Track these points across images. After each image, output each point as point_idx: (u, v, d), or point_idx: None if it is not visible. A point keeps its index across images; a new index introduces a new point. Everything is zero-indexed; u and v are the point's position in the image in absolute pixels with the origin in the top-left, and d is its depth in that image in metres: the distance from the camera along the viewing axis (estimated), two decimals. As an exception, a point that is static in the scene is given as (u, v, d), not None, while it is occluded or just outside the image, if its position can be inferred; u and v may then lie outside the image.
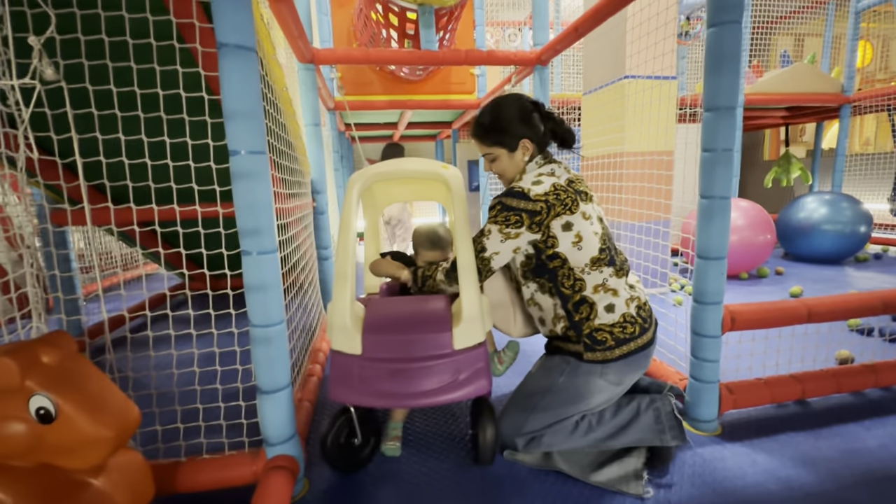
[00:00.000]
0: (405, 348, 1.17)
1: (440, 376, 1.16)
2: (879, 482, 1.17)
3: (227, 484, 1.14)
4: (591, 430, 1.21)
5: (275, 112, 1.52)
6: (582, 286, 1.20)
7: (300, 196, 1.98)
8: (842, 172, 4.85)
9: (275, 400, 1.13)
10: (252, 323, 1.09)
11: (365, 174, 1.30)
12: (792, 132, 6.63)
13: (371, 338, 1.18)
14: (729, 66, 1.22)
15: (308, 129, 2.28)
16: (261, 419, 1.14)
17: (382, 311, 1.28)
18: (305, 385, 1.60)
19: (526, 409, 1.23)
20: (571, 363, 1.22)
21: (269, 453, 1.15)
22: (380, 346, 1.18)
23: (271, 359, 1.11)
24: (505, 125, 1.26)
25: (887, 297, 1.57)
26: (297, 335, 1.57)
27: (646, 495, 1.12)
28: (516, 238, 1.20)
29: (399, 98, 3.56)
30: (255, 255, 1.05)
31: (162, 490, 1.09)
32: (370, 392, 1.16)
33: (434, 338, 1.18)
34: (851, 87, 4.67)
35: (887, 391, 1.64)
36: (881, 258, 4.19)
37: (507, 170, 1.31)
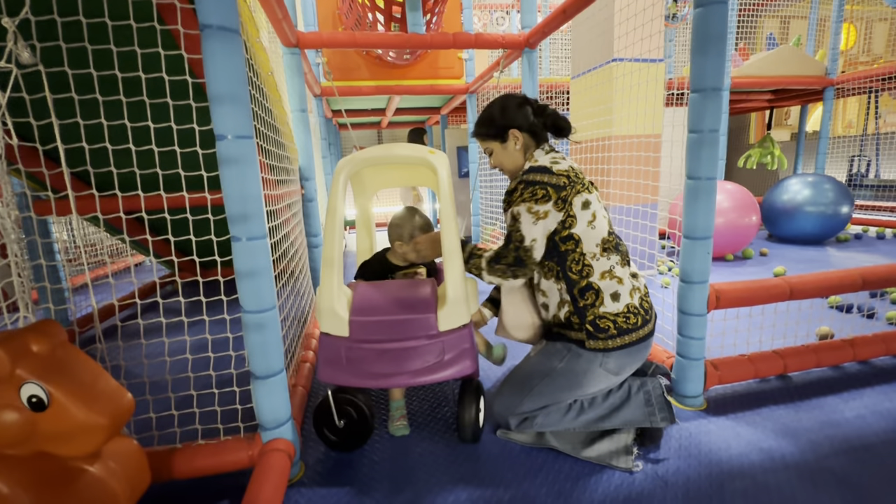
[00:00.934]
0: (391, 330, 1.21)
1: (425, 357, 1.21)
2: (856, 451, 1.22)
3: (223, 469, 1.15)
4: (582, 412, 1.24)
5: (260, 97, 1.49)
6: (590, 272, 1.20)
7: (288, 183, 1.96)
8: (825, 154, 4.93)
9: (269, 385, 1.13)
10: (244, 309, 1.09)
11: (352, 160, 1.30)
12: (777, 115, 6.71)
13: (358, 320, 1.22)
14: (715, 48, 1.23)
15: (295, 115, 2.25)
16: (255, 404, 1.14)
17: (369, 295, 1.31)
18: (299, 371, 1.61)
19: (522, 391, 1.24)
20: (573, 350, 1.22)
21: (264, 438, 1.16)
22: (366, 329, 1.22)
23: (264, 344, 1.11)
24: (493, 118, 1.31)
25: (865, 274, 1.62)
26: (290, 322, 1.57)
27: (635, 469, 1.16)
28: (545, 218, 1.18)
29: (386, 83, 3.52)
30: (244, 241, 1.05)
31: (158, 476, 1.10)
32: (358, 373, 1.21)
33: (419, 319, 1.22)
34: (835, 69, 4.73)
35: (865, 365, 1.70)
36: (861, 238, 4.29)
37: (504, 161, 1.34)
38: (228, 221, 1.04)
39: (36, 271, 1.82)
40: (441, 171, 1.29)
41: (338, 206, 1.26)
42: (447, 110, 4.80)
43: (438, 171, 1.29)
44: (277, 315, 1.14)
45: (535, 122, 1.30)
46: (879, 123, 5.34)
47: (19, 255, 1.06)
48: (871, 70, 4.60)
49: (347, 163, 1.29)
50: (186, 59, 1.10)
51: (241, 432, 1.21)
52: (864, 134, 5.24)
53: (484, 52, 4.79)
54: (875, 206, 5.35)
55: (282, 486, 1.07)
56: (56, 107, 1.02)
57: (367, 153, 1.31)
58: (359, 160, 1.30)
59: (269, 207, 1.35)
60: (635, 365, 1.25)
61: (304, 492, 1.16)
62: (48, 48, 1.04)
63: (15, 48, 0.94)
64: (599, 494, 1.09)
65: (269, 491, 1.02)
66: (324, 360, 1.24)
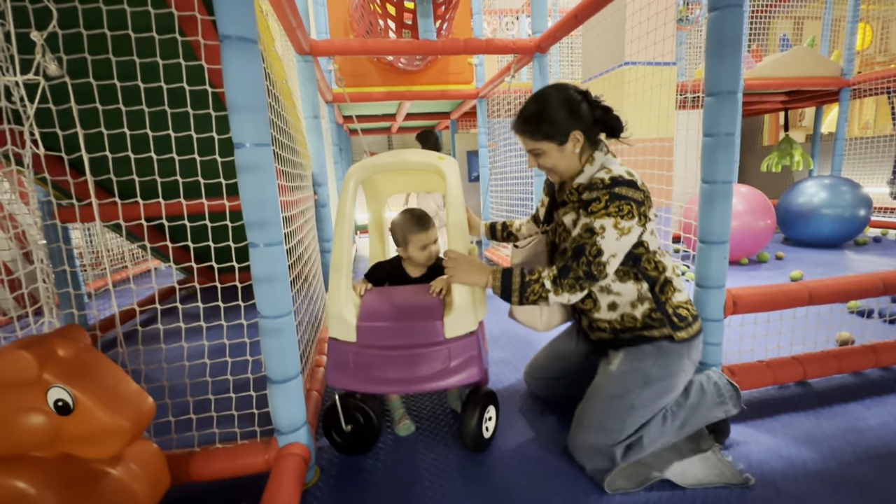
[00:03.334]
0: (398, 336, 1.22)
1: (432, 363, 1.20)
2: (881, 458, 1.19)
3: (240, 472, 1.16)
4: (675, 418, 1.17)
5: (276, 105, 1.52)
6: (664, 267, 1.19)
7: (302, 189, 1.99)
8: (841, 156, 4.85)
9: (285, 389, 1.14)
10: (261, 314, 1.10)
11: (362, 166, 1.30)
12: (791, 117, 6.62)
13: (366, 326, 1.23)
14: (730, 51, 1.23)
15: (308, 122, 2.28)
16: (272, 409, 1.16)
17: (377, 301, 1.31)
18: (313, 375, 1.62)
19: (620, 412, 1.13)
20: (662, 347, 1.16)
21: (280, 442, 1.17)
22: (374, 334, 1.23)
23: (281, 349, 1.13)
24: (553, 117, 1.16)
25: (887, 278, 1.58)
26: (304, 326, 1.59)
27: (751, 481, 1.10)
28: (629, 234, 1.09)
29: (397, 89, 3.55)
30: (262, 247, 1.06)
31: (177, 479, 1.11)
32: (365, 378, 1.21)
33: (426, 326, 1.22)
34: (851, 70, 4.66)
35: (887, 371, 1.66)
36: (881, 241, 4.20)
37: (557, 164, 1.21)
38: (246, 227, 1.06)
39: (58, 277, 1.86)
40: (450, 177, 1.27)
41: (347, 211, 1.27)
42: (457, 115, 4.82)
43: (447, 177, 1.27)
44: (293, 320, 1.16)
45: (595, 121, 1.19)
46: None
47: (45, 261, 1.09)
48: (889, 70, 4.52)
49: (357, 169, 1.29)
50: (206, 69, 1.13)
51: (257, 436, 1.22)
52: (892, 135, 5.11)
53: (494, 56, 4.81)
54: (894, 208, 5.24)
55: (298, 490, 1.07)
56: (80, 117, 1.05)
57: (376, 159, 1.31)
58: (369, 166, 1.31)
59: (285, 213, 1.37)
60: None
61: (319, 496, 1.16)
62: (74, 60, 1.07)
63: (43, 61, 0.97)
64: (616, 502, 1.08)
65: (286, 495, 1.03)
66: (332, 364, 1.25)
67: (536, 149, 1.21)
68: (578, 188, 1.20)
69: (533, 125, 1.18)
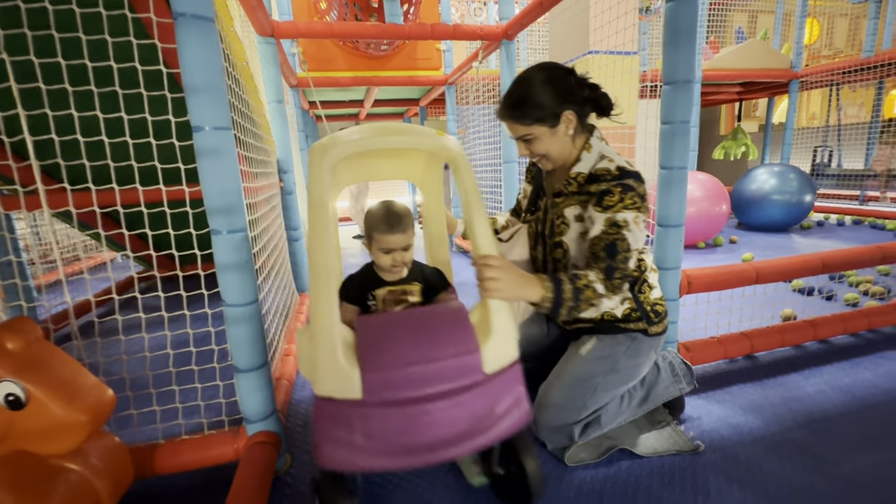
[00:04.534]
0: (424, 381, 0.85)
1: (473, 412, 0.87)
2: (817, 422, 1.30)
3: (208, 463, 1.15)
4: (632, 399, 1.22)
5: (237, 87, 1.47)
6: (646, 266, 1.19)
7: (267, 176, 1.94)
8: (790, 145, 5.13)
9: (253, 378, 1.13)
10: (226, 303, 1.08)
11: (337, 143, 0.91)
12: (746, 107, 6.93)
13: (375, 374, 0.83)
14: (686, 41, 1.27)
15: (272, 107, 2.21)
16: (239, 398, 1.14)
17: (380, 332, 0.90)
18: (283, 364, 1.61)
19: (584, 393, 1.15)
20: (636, 339, 1.17)
21: (249, 431, 1.16)
22: (389, 383, 0.84)
23: (247, 338, 1.11)
24: (541, 98, 1.06)
25: (825, 258, 1.71)
26: (272, 315, 1.56)
27: (700, 448, 1.18)
28: (643, 229, 1.05)
29: (364, 74, 3.49)
30: (225, 234, 1.04)
31: (142, 472, 1.09)
32: (381, 451, 0.83)
33: (461, 361, 0.87)
34: (800, 63, 4.90)
35: (824, 343, 1.80)
36: (823, 225, 4.50)
37: (551, 149, 1.11)
38: (208, 215, 1.03)
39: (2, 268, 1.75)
40: (460, 158, 0.98)
41: (324, 198, 0.89)
42: (426, 102, 4.78)
43: (458, 158, 0.98)
44: (260, 308, 1.14)
45: (585, 99, 1.11)
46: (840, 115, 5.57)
47: (-13, 252, 1.03)
48: (833, 64, 4.79)
49: (333, 144, 0.91)
50: (160, 48, 1.08)
51: (225, 426, 1.21)
52: (827, 125, 5.47)
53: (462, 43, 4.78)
54: (836, 194, 5.61)
55: (268, 478, 1.07)
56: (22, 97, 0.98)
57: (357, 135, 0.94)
58: (348, 143, 0.92)
59: (249, 200, 1.34)
60: None
61: (291, 482, 1.16)
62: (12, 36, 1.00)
63: (-24, 36, 0.90)
64: (579, 474, 1.13)
65: (256, 483, 1.02)
66: (328, 438, 0.84)
67: (527, 134, 1.10)
68: (578, 178, 1.12)
69: (520, 109, 1.08)
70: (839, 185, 5.39)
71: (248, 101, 1.71)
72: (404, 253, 1.14)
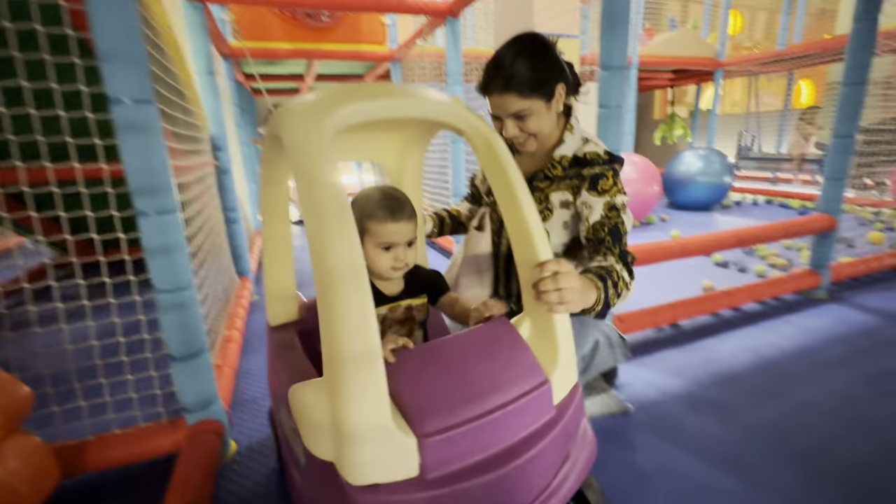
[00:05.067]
0: (498, 433, 0.64)
1: (552, 460, 0.68)
2: (727, 380, 1.46)
3: (145, 456, 1.10)
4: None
5: (159, 55, 1.35)
6: None
7: (198, 153, 1.82)
8: (714, 130, 5.53)
9: (191, 366, 1.09)
10: (157, 289, 1.02)
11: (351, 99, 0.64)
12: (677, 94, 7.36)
13: (438, 436, 0.59)
14: (620, 27, 1.33)
15: (201, 78, 2.06)
16: (177, 387, 1.10)
17: (428, 372, 0.65)
18: (224, 351, 1.55)
19: None
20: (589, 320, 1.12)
21: (189, 420, 1.12)
22: (457, 447, 0.60)
23: (183, 325, 1.06)
24: (541, 67, 0.94)
25: (740, 234, 1.89)
26: (210, 300, 1.49)
27: (631, 409, 1.29)
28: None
29: (304, 46, 3.31)
30: (153, 216, 0.97)
31: (70, 471, 1.02)
32: None
33: (534, 399, 0.67)
34: (724, 52, 5.26)
35: (737, 311, 2.01)
36: (741, 205, 4.94)
37: (543, 127, 0.99)
38: (132, 195, 0.96)
39: None
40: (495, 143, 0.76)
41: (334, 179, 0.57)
42: (371, 78, 4.64)
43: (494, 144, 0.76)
44: (195, 294, 1.09)
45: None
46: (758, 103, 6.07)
47: None
48: (752, 55, 5.19)
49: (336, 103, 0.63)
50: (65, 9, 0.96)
51: (163, 417, 1.15)
52: (747, 112, 5.93)
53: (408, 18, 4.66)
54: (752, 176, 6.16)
55: (212, 467, 1.05)
56: None
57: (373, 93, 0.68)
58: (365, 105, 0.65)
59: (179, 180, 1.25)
60: None
61: (237, 470, 1.14)
62: None
63: None
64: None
65: (199, 473, 1.00)
66: None
67: (523, 110, 0.96)
68: (562, 161, 1.03)
69: (521, 80, 0.93)
70: (760, 168, 5.90)
71: (175, 72, 1.58)
72: (408, 250, 0.85)
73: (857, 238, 3.10)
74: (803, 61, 4.77)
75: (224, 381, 1.37)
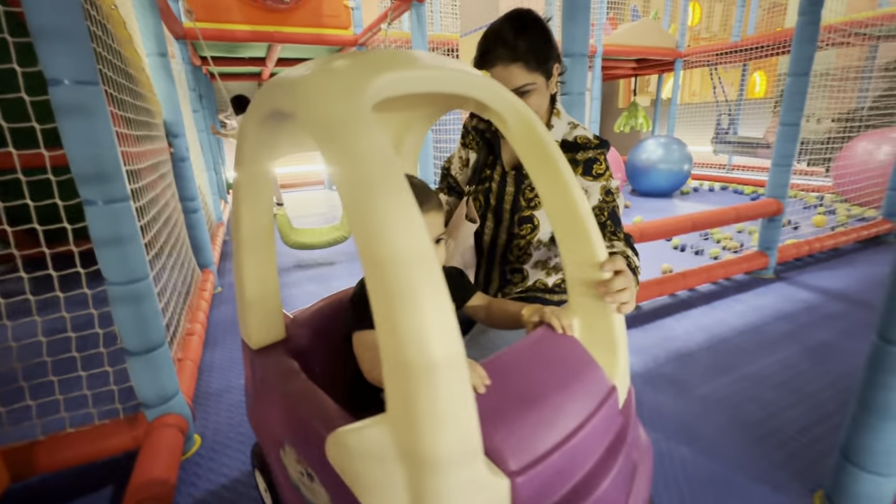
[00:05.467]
0: (579, 457, 0.56)
1: (624, 473, 0.61)
2: (682, 357, 1.54)
3: (102, 455, 1.06)
4: None
5: (103, 34, 1.27)
6: None
7: (151, 139, 1.73)
8: (675, 119, 5.72)
9: (149, 360, 1.05)
10: (109, 281, 0.98)
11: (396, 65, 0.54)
12: (641, 83, 7.54)
13: (531, 476, 0.50)
14: (582, 15, 1.35)
15: (152, 60, 1.95)
16: (135, 382, 1.06)
17: (497, 393, 0.55)
18: (186, 345, 1.50)
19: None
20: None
21: (149, 416, 1.09)
22: (548, 481, 0.52)
23: (140, 318, 1.02)
24: (545, 42, 0.91)
25: (695, 219, 1.98)
26: (169, 292, 1.44)
27: None
28: None
29: (264, 29, 3.19)
30: (101, 205, 0.93)
31: (20, 474, 0.98)
32: None
33: (605, 411, 0.61)
34: (683, 43, 5.42)
35: (692, 291, 2.11)
36: (698, 191, 5.15)
37: (541, 106, 0.97)
38: (78, 183, 0.91)
39: None
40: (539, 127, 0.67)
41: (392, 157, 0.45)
42: (336, 63, 4.52)
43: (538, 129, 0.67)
44: (151, 285, 1.05)
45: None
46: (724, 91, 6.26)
47: None
48: (709, 46, 5.37)
49: (381, 68, 0.53)
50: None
51: (120, 414, 1.11)
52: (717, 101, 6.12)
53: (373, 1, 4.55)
54: (707, 163, 6.42)
55: (175, 462, 1.02)
56: None
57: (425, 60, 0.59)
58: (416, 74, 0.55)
59: (130, 167, 1.19)
60: None
61: (202, 464, 1.12)
62: None
63: None
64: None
65: (161, 467, 0.97)
66: None
67: (527, 85, 0.91)
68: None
69: (528, 53, 0.89)
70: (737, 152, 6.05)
71: (122, 53, 1.49)
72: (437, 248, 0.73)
73: (803, 221, 3.31)
74: (756, 52, 4.97)
75: (186, 374, 1.34)
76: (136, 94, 1.58)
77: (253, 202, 0.71)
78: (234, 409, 1.33)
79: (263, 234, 0.73)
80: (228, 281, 2.49)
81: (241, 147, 0.68)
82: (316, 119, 0.47)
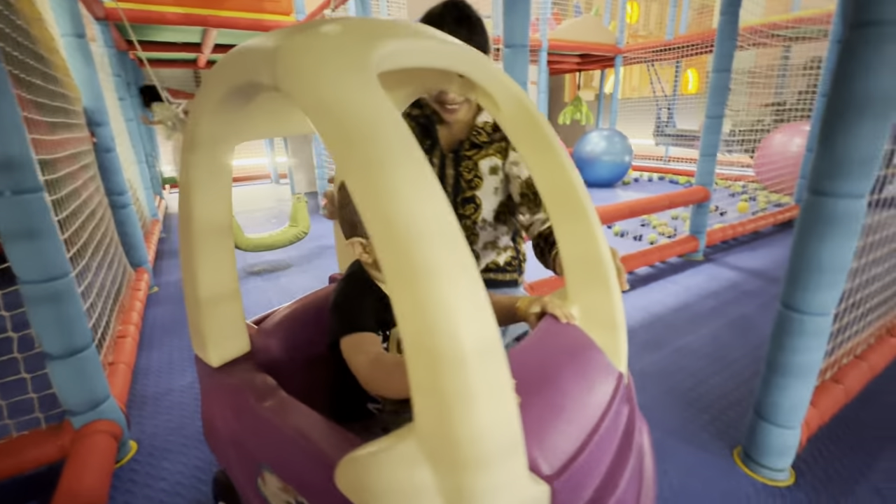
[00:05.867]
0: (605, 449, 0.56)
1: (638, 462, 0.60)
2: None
3: (23, 469, 0.98)
4: None
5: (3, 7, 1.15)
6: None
7: (69, 127, 1.59)
8: (616, 113, 5.99)
9: (73, 364, 0.98)
10: (22, 279, 0.90)
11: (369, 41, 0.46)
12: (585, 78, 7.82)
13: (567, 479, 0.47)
14: (521, 6, 1.38)
15: (67, 42, 1.78)
16: (58, 388, 0.98)
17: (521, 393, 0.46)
18: (118, 347, 1.41)
19: None
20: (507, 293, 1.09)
21: (76, 423, 1.02)
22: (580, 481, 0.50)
23: (61, 319, 0.95)
24: (483, 29, 0.92)
25: (632, 205, 2.10)
26: (96, 291, 1.34)
27: None
28: None
29: (197, 12, 3.00)
30: (9, 196, 0.85)
31: (-80, 496, 0.88)
32: None
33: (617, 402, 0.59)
34: (623, 40, 5.67)
35: (632, 274, 2.24)
36: (639, 181, 5.45)
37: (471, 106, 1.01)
38: (-22, 171, 0.82)
39: None
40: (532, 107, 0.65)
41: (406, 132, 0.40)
42: (279, 51, 4.34)
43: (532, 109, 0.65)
44: (73, 283, 0.97)
45: None
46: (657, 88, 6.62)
47: None
48: (646, 43, 5.66)
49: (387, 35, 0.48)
50: None
51: (42, 423, 1.03)
52: (655, 96, 6.45)
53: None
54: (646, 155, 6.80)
55: (107, 470, 0.96)
56: None
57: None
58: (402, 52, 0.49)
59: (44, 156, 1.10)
60: None
61: (139, 470, 1.06)
62: None
63: None
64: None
65: (92, 477, 0.92)
66: None
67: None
68: (485, 127, 1.02)
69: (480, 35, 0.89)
70: (677, 143, 6.40)
71: (29, 31, 1.36)
72: None
73: (728, 207, 3.59)
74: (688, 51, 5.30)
75: (118, 378, 1.26)
76: (48, 78, 1.44)
77: (208, 193, 0.61)
78: (174, 411, 1.27)
79: (221, 230, 0.63)
80: (165, 280, 2.34)
81: (195, 129, 0.58)
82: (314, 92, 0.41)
